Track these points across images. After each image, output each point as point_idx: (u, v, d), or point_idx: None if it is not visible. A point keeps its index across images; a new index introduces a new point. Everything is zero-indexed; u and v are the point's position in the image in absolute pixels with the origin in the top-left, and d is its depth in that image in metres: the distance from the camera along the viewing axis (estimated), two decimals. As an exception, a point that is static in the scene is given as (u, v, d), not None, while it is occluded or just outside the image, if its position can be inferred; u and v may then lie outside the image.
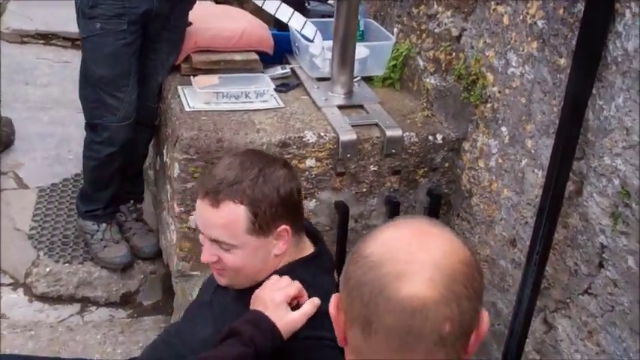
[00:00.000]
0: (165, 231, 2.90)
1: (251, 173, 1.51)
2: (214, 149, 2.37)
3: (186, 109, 2.53)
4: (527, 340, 2.31)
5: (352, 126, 2.54)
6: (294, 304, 1.49)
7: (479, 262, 1.01)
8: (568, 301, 2.11)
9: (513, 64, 2.25)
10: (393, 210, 2.63)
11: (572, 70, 1.86)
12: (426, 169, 2.64)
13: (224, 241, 1.52)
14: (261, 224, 1.51)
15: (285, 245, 1.56)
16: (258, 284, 1.54)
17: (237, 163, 1.53)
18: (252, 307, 1.47)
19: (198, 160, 2.38)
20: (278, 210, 1.52)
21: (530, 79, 2.16)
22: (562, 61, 2.00)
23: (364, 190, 2.62)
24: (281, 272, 1.56)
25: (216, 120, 2.48)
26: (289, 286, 1.48)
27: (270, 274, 1.55)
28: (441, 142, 2.60)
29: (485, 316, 0.97)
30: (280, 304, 1.44)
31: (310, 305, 1.46)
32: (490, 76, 2.38)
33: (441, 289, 0.88)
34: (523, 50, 2.19)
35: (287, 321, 1.42)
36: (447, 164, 2.66)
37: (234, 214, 1.50)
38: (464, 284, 0.90)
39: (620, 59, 1.77)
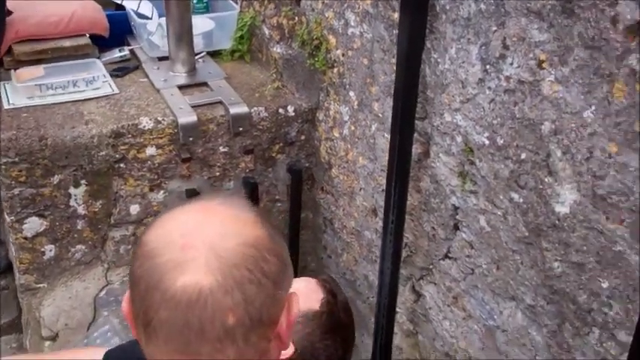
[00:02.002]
0: (8, 242, 2.64)
1: None
2: (37, 149, 2.12)
3: (6, 106, 2.27)
4: (400, 310, 2.21)
5: (193, 107, 2.35)
6: None
7: (278, 243, 0.86)
8: (431, 267, 2.01)
9: (352, 23, 2.11)
10: (252, 192, 2.46)
11: (401, 23, 1.73)
12: (281, 144, 2.48)
13: None
14: None
15: None
16: None
17: None
18: None
19: (20, 162, 2.13)
20: None
21: (370, 38, 2.02)
22: (395, 15, 1.86)
23: (217, 174, 2.44)
24: None
25: (39, 116, 2.23)
26: None
27: None
28: (293, 114, 2.45)
29: (294, 299, 0.88)
30: None
31: None
32: (332, 39, 2.23)
33: (219, 276, 0.78)
34: (359, 8, 2.05)
35: None
36: (303, 137, 2.51)
37: None
38: (247, 268, 0.79)
39: (448, 7, 1.65)
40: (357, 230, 2.38)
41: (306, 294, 1.56)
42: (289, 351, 1.44)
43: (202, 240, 0.80)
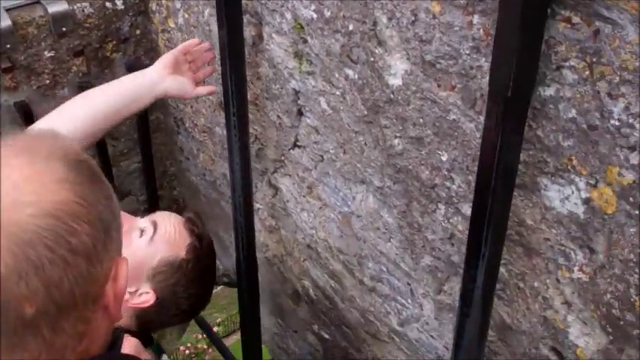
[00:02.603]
0: None
1: None
2: None
3: None
4: (261, 206, 2.10)
5: (7, 10, 2.06)
6: None
7: (92, 203, 0.68)
8: (283, 158, 1.89)
9: None
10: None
11: None
12: (114, 42, 2.25)
13: None
14: None
15: None
16: None
17: None
18: None
19: None
20: None
21: None
22: None
23: (47, 81, 2.19)
24: None
25: None
26: None
27: None
28: (122, 7, 2.20)
29: (122, 265, 0.72)
30: None
31: None
32: None
33: (9, 259, 0.61)
34: None
35: None
36: (138, 31, 2.28)
37: None
38: (47, 246, 0.62)
39: None
40: (208, 127, 2.22)
41: (172, 240, 1.49)
42: (150, 299, 1.27)
43: None
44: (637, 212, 0.99)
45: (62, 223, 0.64)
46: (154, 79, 1.65)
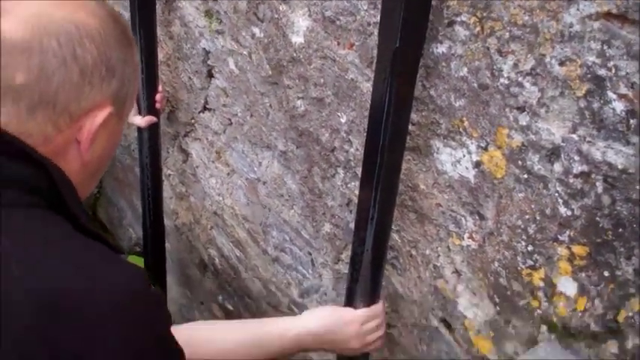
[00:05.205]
0: None
1: None
2: None
3: None
4: (172, 172, 2.04)
5: None
6: None
7: (109, 44, 0.77)
8: (193, 121, 1.82)
9: None
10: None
11: None
12: None
13: None
14: None
15: None
16: None
17: None
18: None
19: None
20: None
21: None
22: None
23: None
24: None
25: None
26: None
27: None
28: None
29: (101, 112, 0.77)
30: None
31: None
32: None
33: (27, 34, 0.72)
34: None
35: None
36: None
37: None
38: (58, 41, 0.73)
39: None
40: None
41: None
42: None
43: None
44: (525, 176, 0.97)
45: (78, 35, 0.74)
46: None
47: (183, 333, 0.86)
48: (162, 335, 0.75)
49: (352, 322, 1.15)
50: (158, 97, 1.73)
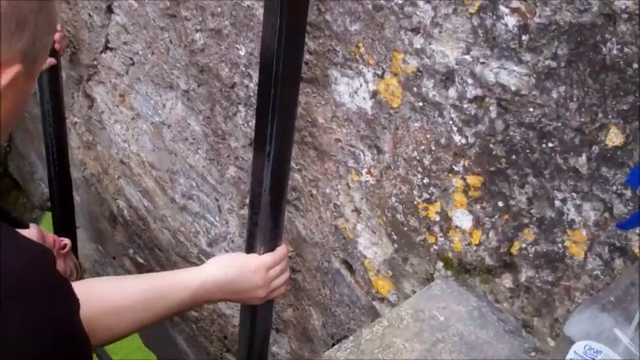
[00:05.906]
0: None
1: None
2: None
3: None
4: (78, 120, 1.93)
5: None
6: None
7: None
8: (95, 63, 1.72)
9: None
10: None
11: None
12: None
13: None
14: None
15: None
16: None
17: None
18: None
19: None
20: None
21: None
22: None
23: None
24: None
25: None
26: None
27: None
28: None
29: (8, 71, 0.64)
30: None
31: None
32: None
33: None
34: None
35: None
36: None
37: None
38: None
39: None
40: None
41: None
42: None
43: None
44: (421, 104, 0.92)
45: None
46: None
47: (80, 290, 0.76)
48: (66, 326, 0.64)
49: (258, 269, 1.08)
50: (57, 36, 1.62)
